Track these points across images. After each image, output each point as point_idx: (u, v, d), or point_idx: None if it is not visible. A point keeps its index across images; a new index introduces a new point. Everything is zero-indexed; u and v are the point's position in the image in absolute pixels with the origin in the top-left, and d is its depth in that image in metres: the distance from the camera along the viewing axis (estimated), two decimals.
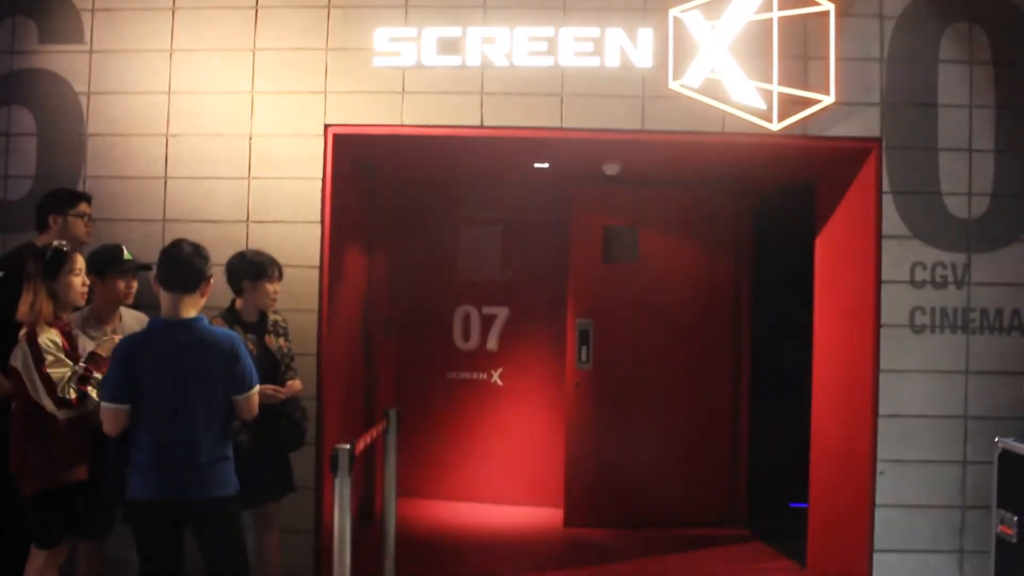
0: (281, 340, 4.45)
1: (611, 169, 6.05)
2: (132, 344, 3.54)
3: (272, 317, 4.49)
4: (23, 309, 3.72)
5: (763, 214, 6.80)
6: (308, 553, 4.93)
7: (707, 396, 6.67)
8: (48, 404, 3.59)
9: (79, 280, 3.80)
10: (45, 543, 3.70)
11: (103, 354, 3.78)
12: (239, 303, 4.40)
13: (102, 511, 4.13)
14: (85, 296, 3.91)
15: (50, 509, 3.67)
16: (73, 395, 3.61)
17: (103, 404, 3.52)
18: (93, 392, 3.68)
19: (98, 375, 3.71)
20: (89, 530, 4.00)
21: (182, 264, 3.58)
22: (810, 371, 5.55)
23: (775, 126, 4.80)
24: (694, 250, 6.66)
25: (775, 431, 6.64)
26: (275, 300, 4.41)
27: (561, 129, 4.90)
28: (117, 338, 3.80)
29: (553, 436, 6.92)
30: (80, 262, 3.83)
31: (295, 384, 4.33)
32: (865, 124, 4.89)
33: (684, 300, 6.63)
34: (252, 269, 4.37)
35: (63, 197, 4.62)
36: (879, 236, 4.88)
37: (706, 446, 6.68)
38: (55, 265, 3.73)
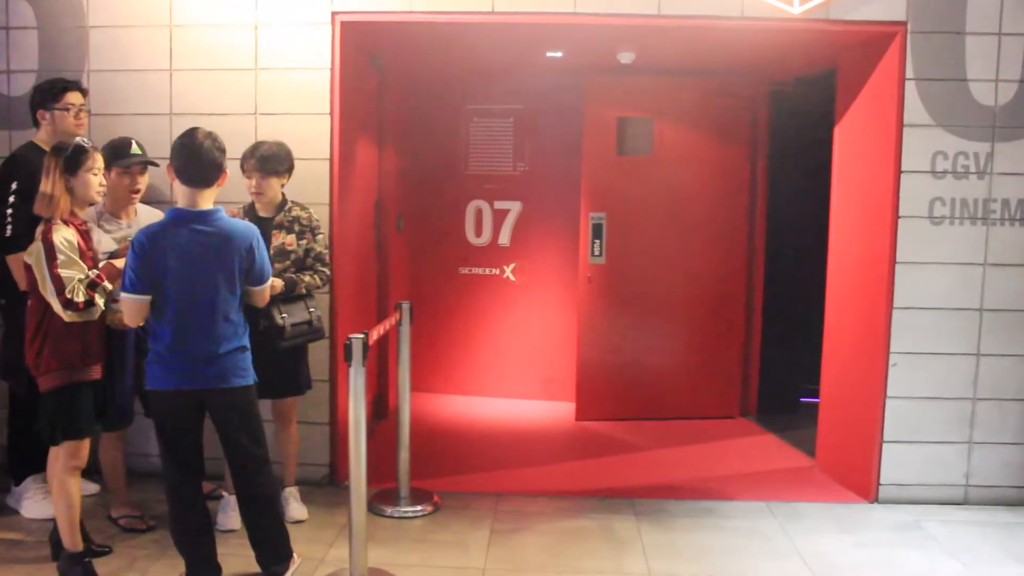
0: (291, 238, 4.39)
1: (626, 57, 5.91)
2: (151, 235, 3.52)
3: (294, 212, 4.44)
4: (40, 203, 3.69)
5: (780, 104, 6.66)
6: (324, 444, 5.02)
7: (720, 290, 6.65)
8: (55, 304, 3.59)
9: (97, 179, 3.77)
10: (57, 439, 3.73)
11: (119, 266, 3.75)
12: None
13: (120, 403, 4.21)
14: (102, 195, 3.89)
15: (64, 406, 3.69)
16: (80, 299, 3.59)
17: (123, 295, 3.53)
18: (100, 300, 3.67)
19: (107, 284, 3.71)
20: (107, 424, 4.05)
21: (201, 157, 3.54)
22: (825, 263, 5.50)
23: (796, 9, 4.65)
24: (710, 142, 6.54)
25: (788, 325, 6.65)
26: (257, 195, 4.37)
27: (574, 14, 4.76)
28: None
29: (565, 331, 6.94)
30: (99, 160, 3.80)
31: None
32: (890, 6, 4.73)
33: (699, 193, 6.56)
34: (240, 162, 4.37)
35: (47, 91, 4.53)
36: (900, 125, 4.77)
37: (718, 340, 6.69)
38: (75, 161, 3.69)
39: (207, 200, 3.59)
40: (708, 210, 6.58)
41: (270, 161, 4.33)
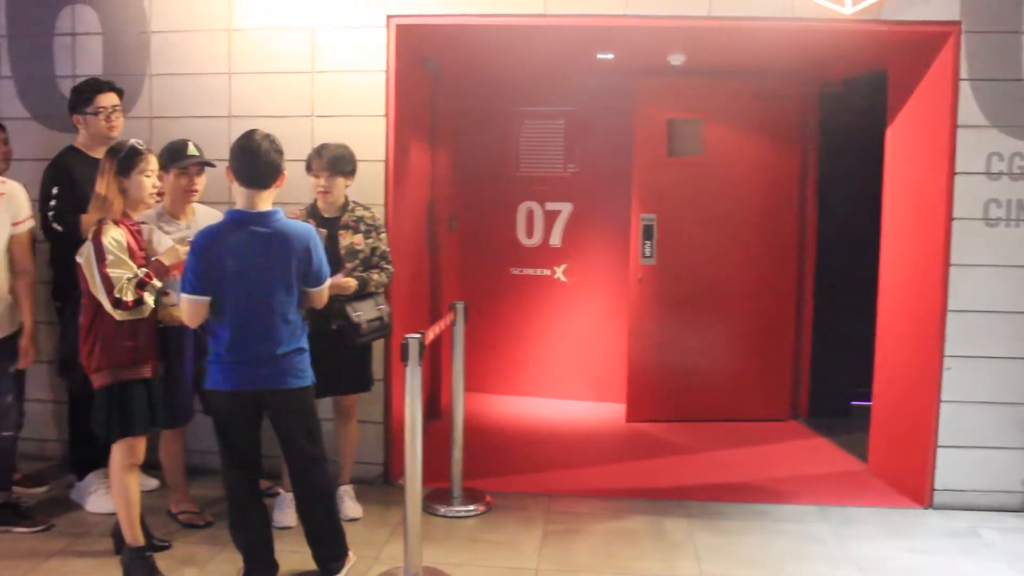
0: (357, 237, 4.45)
1: (676, 59, 5.91)
2: (210, 236, 3.58)
3: (358, 212, 4.50)
4: (95, 204, 3.77)
5: (831, 106, 6.60)
6: (378, 443, 5.09)
7: (771, 291, 6.62)
8: (106, 303, 3.65)
9: (150, 181, 3.82)
10: (111, 437, 3.80)
11: (166, 263, 3.83)
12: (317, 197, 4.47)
13: (179, 401, 4.30)
14: (155, 197, 3.94)
15: (115, 403, 3.76)
16: (129, 298, 3.64)
17: (183, 296, 3.59)
18: (149, 298, 3.73)
19: (156, 282, 3.77)
20: (166, 421, 4.13)
21: (259, 160, 3.58)
22: (877, 267, 5.45)
23: (848, 10, 4.62)
24: (760, 143, 6.51)
25: (839, 327, 6.60)
26: (325, 193, 4.43)
27: (626, 16, 4.78)
28: (182, 250, 3.84)
29: (616, 332, 6.94)
30: (153, 163, 3.85)
31: (338, 280, 4.24)
32: (944, 6, 4.68)
33: (749, 193, 6.53)
34: (307, 162, 4.43)
35: (79, 95, 4.62)
36: (954, 126, 4.71)
37: (769, 342, 6.65)
38: (128, 163, 3.75)
39: (265, 201, 3.63)
40: (758, 211, 6.55)
41: (339, 162, 4.40)
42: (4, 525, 4.38)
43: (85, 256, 3.68)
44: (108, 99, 4.60)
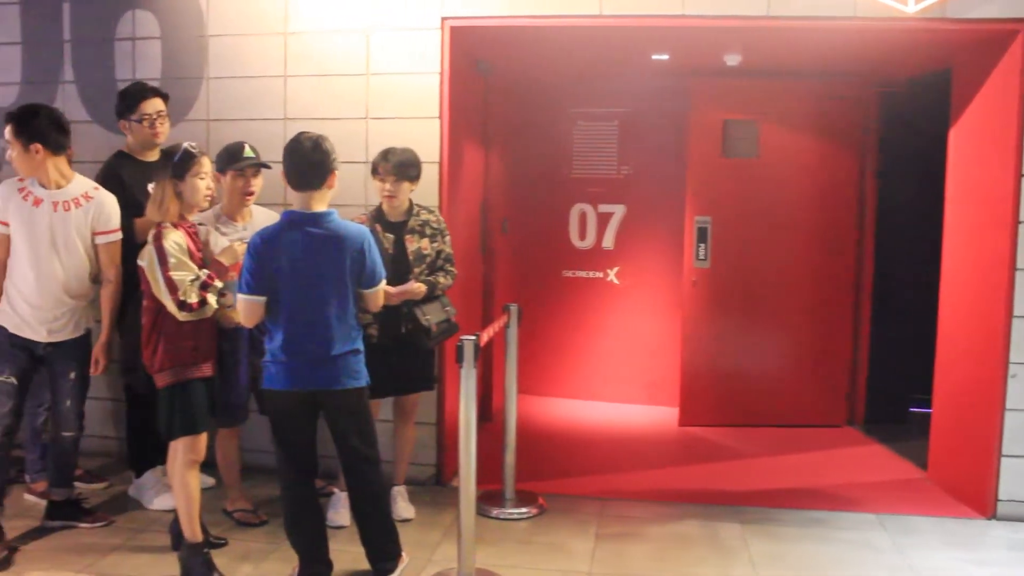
0: (424, 241, 4.46)
1: (732, 59, 5.85)
2: (266, 237, 3.60)
3: (423, 216, 4.50)
4: (151, 208, 3.81)
5: (892, 106, 6.49)
6: (431, 445, 5.09)
7: (827, 296, 6.51)
8: (170, 305, 3.68)
9: (204, 184, 3.84)
10: (174, 435, 3.84)
11: (225, 263, 3.87)
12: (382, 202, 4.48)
13: (235, 401, 4.34)
14: (210, 199, 3.96)
15: (178, 402, 3.80)
16: (194, 300, 3.68)
17: (240, 296, 3.62)
18: (212, 299, 3.76)
19: (219, 282, 3.80)
20: (222, 420, 4.17)
21: (303, 161, 3.60)
22: (938, 271, 5.34)
23: (911, 8, 4.52)
24: (817, 145, 6.42)
25: (898, 332, 6.48)
26: (390, 198, 4.43)
27: (683, 16, 4.73)
28: (239, 249, 3.88)
29: (669, 335, 6.89)
30: (207, 165, 3.88)
31: (407, 286, 4.28)
32: (1010, 3, 4.54)
33: (806, 196, 6.44)
34: (372, 166, 4.43)
35: (124, 101, 4.66)
36: (1021, 126, 4.59)
37: (825, 347, 6.55)
38: (182, 166, 3.78)
39: (320, 202, 3.64)
40: (815, 214, 6.45)
41: (406, 166, 4.41)
42: (66, 520, 4.46)
43: (148, 260, 3.71)
44: (152, 105, 4.64)
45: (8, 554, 4.08)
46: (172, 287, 3.65)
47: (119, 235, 4.34)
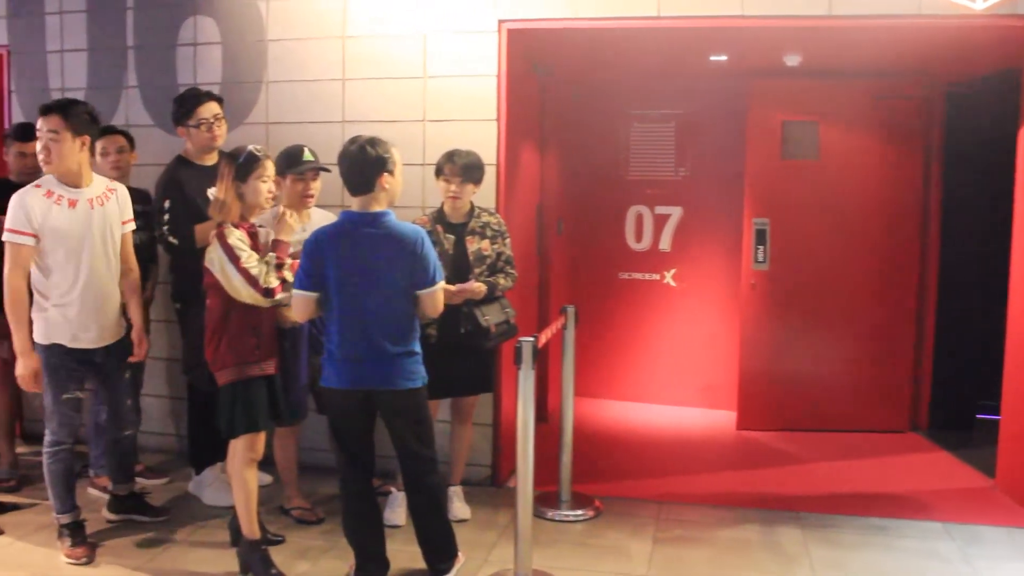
0: (484, 243, 4.47)
1: (792, 60, 5.78)
2: (323, 236, 3.63)
3: (484, 218, 4.52)
4: (214, 207, 3.85)
5: (957, 106, 6.35)
6: (486, 446, 5.10)
7: (890, 299, 6.39)
8: (254, 296, 3.72)
9: (266, 187, 3.87)
10: (235, 432, 3.88)
11: (285, 238, 3.90)
12: (444, 203, 4.50)
13: (294, 399, 4.38)
14: (270, 202, 3.98)
15: (239, 400, 3.84)
16: (275, 283, 3.74)
17: (294, 292, 3.67)
18: (289, 276, 3.81)
19: (288, 258, 3.86)
20: (281, 418, 4.19)
21: (350, 164, 3.63)
22: (1006, 274, 5.21)
23: (979, 5, 4.41)
24: (878, 146, 6.30)
25: (964, 338, 6.34)
26: (455, 199, 4.44)
27: (742, 17, 4.68)
28: (292, 221, 3.93)
29: (727, 338, 6.82)
30: (270, 169, 3.89)
31: (469, 285, 4.30)
32: None
33: (868, 198, 6.33)
34: (436, 167, 4.45)
35: (180, 109, 4.69)
36: None
37: (887, 351, 6.43)
38: (246, 169, 3.81)
39: (377, 204, 3.66)
40: (877, 216, 6.34)
41: (471, 169, 4.42)
42: (128, 514, 4.54)
43: (217, 261, 3.74)
44: (208, 109, 4.68)
45: (91, 552, 4.17)
46: (251, 278, 3.70)
47: (133, 225, 4.36)
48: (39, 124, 4.02)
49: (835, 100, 6.30)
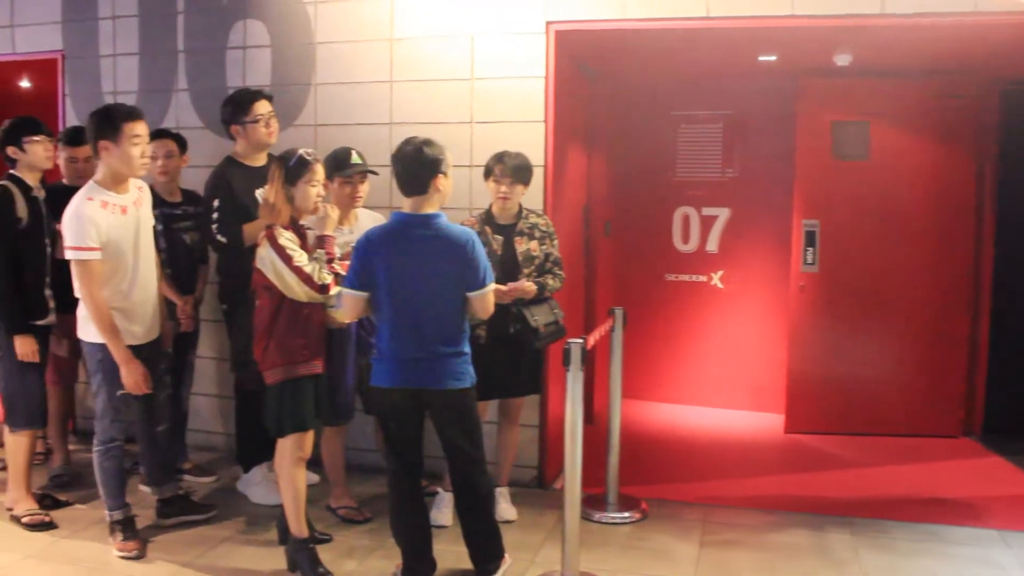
0: (533, 243, 4.47)
1: (842, 59, 5.70)
2: (374, 236, 3.66)
3: (532, 219, 4.52)
4: (264, 209, 3.88)
5: (1013, 105, 6.23)
6: (533, 447, 5.09)
7: (942, 301, 6.28)
8: (310, 294, 3.74)
9: (315, 190, 3.88)
10: (283, 432, 3.91)
11: (329, 231, 3.91)
12: (492, 204, 4.49)
13: (341, 400, 4.41)
14: (319, 205, 3.98)
15: (287, 399, 3.87)
16: (329, 279, 3.77)
17: (344, 291, 3.69)
18: (340, 269, 3.83)
19: (337, 249, 3.89)
20: (328, 418, 4.23)
21: (407, 165, 3.64)
22: None
23: None
24: (931, 145, 6.20)
25: (1019, 341, 6.22)
26: (505, 199, 4.43)
27: (792, 16, 4.63)
28: (332, 212, 3.94)
29: (775, 340, 6.76)
30: (319, 173, 3.90)
31: (519, 284, 4.31)
32: None
33: (920, 199, 6.23)
34: (485, 168, 4.45)
35: (236, 105, 4.72)
36: None
37: (940, 355, 6.31)
38: (296, 172, 3.83)
39: (429, 205, 3.67)
40: (930, 217, 6.24)
41: (521, 171, 4.43)
42: (178, 517, 4.58)
43: (269, 262, 3.76)
44: (263, 107, 4.72)
45: (142, 546, 4.23)
46: (305, 276, 3.73)
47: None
48: (142, 131, 4.07)
49: (886, 100, 6.21)
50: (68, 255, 3.97)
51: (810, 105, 6.26)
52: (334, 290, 3.81)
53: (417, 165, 3.62)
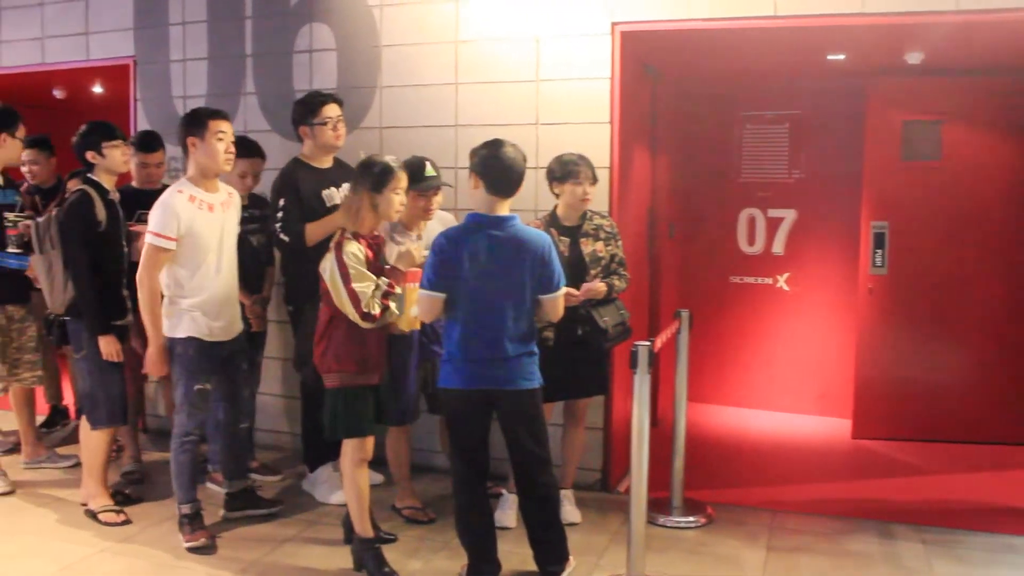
0: (599, 245, 4.46)
1: (914, 57, 5.58)
2: (451, 238, 3.68)
3: (596, 221, 4.51)
4: (347, 215, 3.86)
5: None
6: (597, 450, 5.07)
7: (1017, 304, 6.12)
8: (354, 316, 3.74)
9: (398, 199, 3.88)
10: (337, 435, 3.93)
11: (402, 268, 3.89)
12: (559, 207, 4.47)
13: (402, 406, 4.43)
14: (400, 213, 4.01)
15: (342, 406, 3.89)
16: (376, 310, 3.74)
17: (420, 292, 3.71)
18: (394, 306, 3.82)
19: (398, 289, 3.84)
20: (390, 420, 4.25)
21: (513, 170, 3.68)
22: None
23: None
24: (1005, 146, 6.05)
25: None
26: (586, 201, 4.42)
27: (863, 15, 4.54)
28: (415, 251, 3.91)
29: (842, 344, 6.64)
30: (404, 181, 3.90)
31: (592, 285, 4.31)
32: None
33: (993, 200, 6.08)
34: (561, 170, 4.42)
35: (306, 107, 4.76)
36: None
37: (1015, 359, 6.15)
38: (382, 180, 3.82)
39: (504, 207, 3.69)
40: (1004, 218, 6.08)
41: (595, 172, 4.44)
42: (244, 510, 4.66)
43: (329, 271, 3.77)
44: (332, 110, 4.76)
45: (211, 538, 4.31)
46: (355, 299, 3.71)
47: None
48: (226, 128, 4.25)
49: (959, 99, 6.07)
50: (147, 238, 4.16)
51: (880, 104, 6.15)
52: (378, 321, 3.78)
53: (523, 168, 3.70)
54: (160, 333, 4.22)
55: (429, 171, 4.34)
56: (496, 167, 3.68)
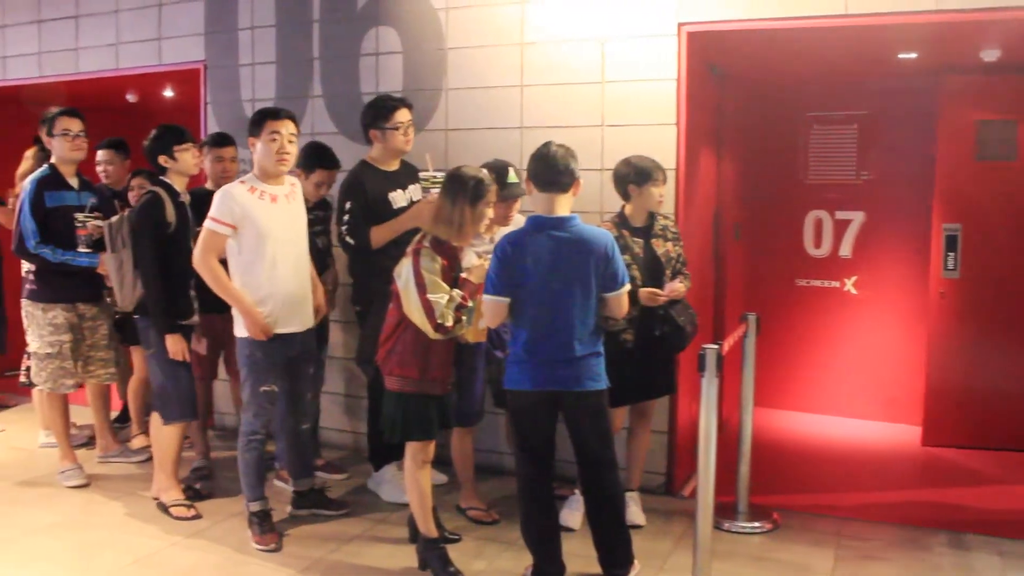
0: (668, 245, 4.46)
1: (989, 55, 5.45)
2: (513, 241, 3.69)
3: (662, 221, 4.51)
4: (446, 226, 3.81)
5: None
6: (661, 453, 5.03)
7: None
8: (427, 327, 3.74)
9: (489, 211, 3.89)
10: (395, 437, 3.95)
11: (475, 281, 3.86)
12: (628, 208, 4.46)
13: (466, 410, 4.45)
14: (487, 225, 4.02)
15: (401, 410, 3.90)
16: (450, 323, 3.73)
17: (485, 297, 3.72)
18: (466, 319, 3.82)
19: (471, 302, 3.83)
20: (455, 422, 4.27)
21: (554, 162, 3.68)
22: None
23: None
24: None
25: None
26: (661, 203, 4.43)
27: (937, 12, 4.44)
28: (487, 265, 3.88)
29: (912, 349, 6.51)
30: (494, 195, 3.90)
31: (675, 286, 4.31)
32: None
33: None
34: (638, 174, 4.39)
35: (377, 111, 4.78)
36: None
37: None
38: (478, 194, 3.81)
39: (564, 207, 3.69)
40: None
41: (664, 172, 4.44)
42: (311, 509, 4.72)
43: (404, 279, 3.78)
44: (404, 115, 4.78)
45: (279, 540, 4.38)
46: (430, 310, 3.71)
47: None
48: (281, 129, 4.28)
49: None
50: (205, 223, 4.26)
51: (953, 103, 6.01)
52: (438, 336, 3.77)
53: (568, 161, 3.70)
54: (243, 301, 4.25)
55: (512, 178, 4.36)
56: (538, 163, 3.71)
